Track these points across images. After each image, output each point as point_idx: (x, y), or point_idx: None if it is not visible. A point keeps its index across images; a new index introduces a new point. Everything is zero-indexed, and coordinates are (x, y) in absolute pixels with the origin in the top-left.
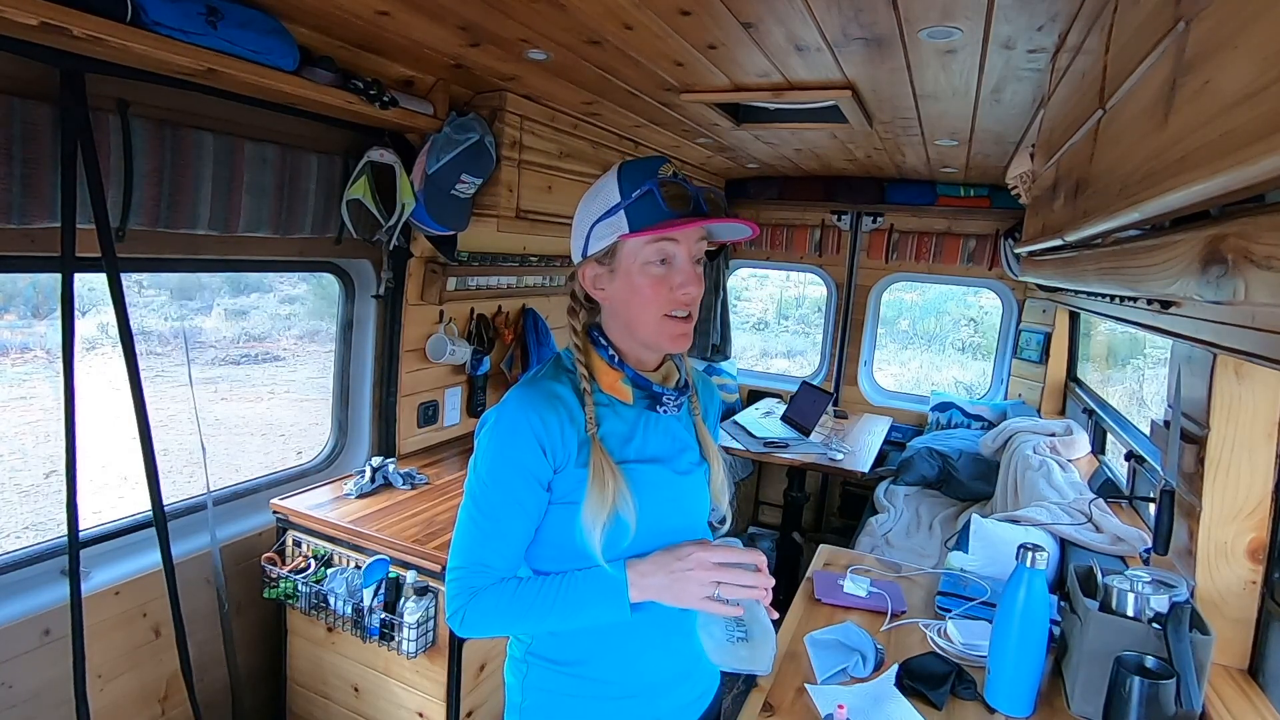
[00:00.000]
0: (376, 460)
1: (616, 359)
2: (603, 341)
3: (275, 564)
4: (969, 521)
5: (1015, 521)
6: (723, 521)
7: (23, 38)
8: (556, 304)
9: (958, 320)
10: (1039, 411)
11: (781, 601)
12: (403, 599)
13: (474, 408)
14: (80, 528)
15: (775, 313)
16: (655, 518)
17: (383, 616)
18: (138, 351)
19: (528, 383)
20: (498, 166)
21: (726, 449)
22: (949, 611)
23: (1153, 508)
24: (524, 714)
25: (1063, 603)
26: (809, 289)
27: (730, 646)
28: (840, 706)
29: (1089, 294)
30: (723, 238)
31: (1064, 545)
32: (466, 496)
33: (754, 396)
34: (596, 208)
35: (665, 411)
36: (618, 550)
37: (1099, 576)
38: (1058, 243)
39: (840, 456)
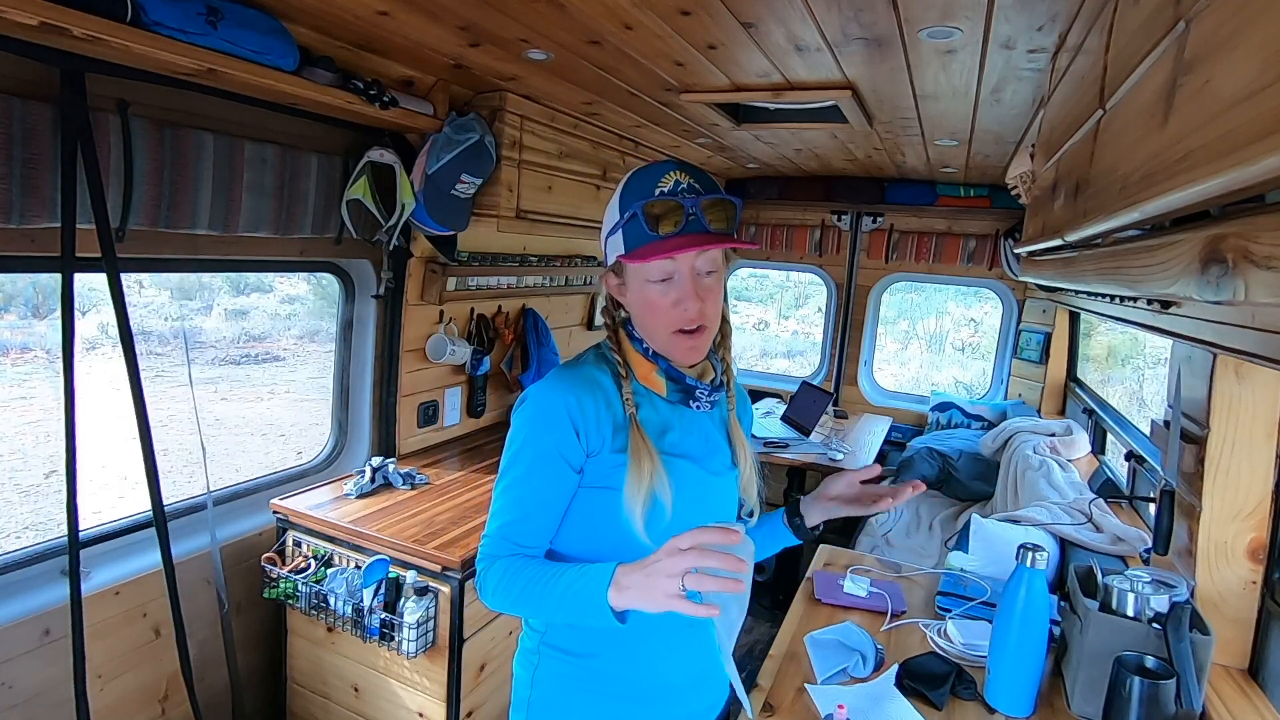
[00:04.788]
0: (376, 460)
1: (650, 351)
2: (637, 335)
3: (275, 564)
4: (969, 521)
5: (1015, 521)
6: (751, 515)
7: (23, 38)
8: (557, 304)
9: (958, 320)
10: (1039, 411)
11: (781, 601)
12: (403, 599)
13: (474, 408)
14: (80, 528)
15: (775, 313)
16: (687, 514)
17: (383, 616)
18: (138, 351)
19: (568, 366)
20: (498, 166)
21: None
22: (949, 611)
23: (1153, 508)
24: (532, 708)
25: (1063, 603)
26: (809, 289)
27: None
28: (840, 706)
29: (1089, 294)
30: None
31: (1064, 545)
32: (500, 469)
33: (754, 397)
34: (607, 221)
35: (699, 407)
36: (656, 532)
37: (1099, 576)
38: (1058, 243)
39: (840, 456)
